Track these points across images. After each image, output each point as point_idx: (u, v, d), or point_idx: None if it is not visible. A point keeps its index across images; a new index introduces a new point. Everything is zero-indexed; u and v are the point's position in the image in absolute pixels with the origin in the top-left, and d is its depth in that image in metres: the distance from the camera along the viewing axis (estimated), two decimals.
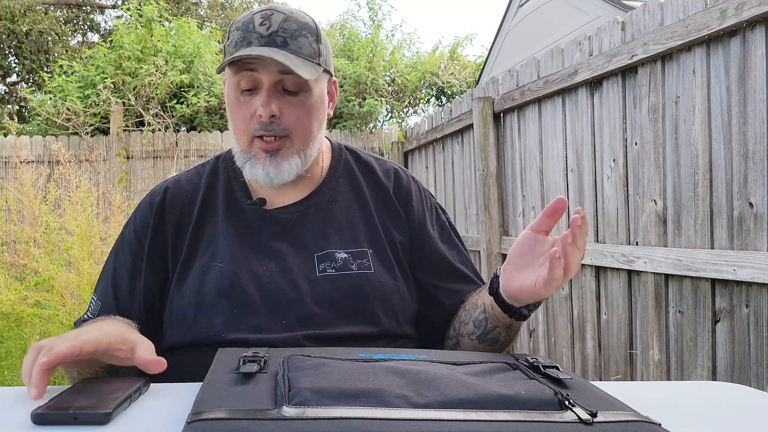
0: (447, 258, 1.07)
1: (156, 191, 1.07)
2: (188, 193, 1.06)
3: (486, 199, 3.38)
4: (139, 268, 1.02)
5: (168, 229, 1.02)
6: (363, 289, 0.96)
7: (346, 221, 1.03)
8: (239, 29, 0.96)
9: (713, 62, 1.94)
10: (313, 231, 1.01)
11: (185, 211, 1.04)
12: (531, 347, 3.14)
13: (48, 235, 3.45)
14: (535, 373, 0.68)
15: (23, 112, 12.72)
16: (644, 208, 2.24)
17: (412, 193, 1.10)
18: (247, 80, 0.95)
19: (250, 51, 0.92)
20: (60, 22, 13.86)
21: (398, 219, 1.06)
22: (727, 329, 1.91)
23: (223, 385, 0.62)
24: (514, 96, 3.14)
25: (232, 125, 1.00)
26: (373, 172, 1.10)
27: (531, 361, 0.72)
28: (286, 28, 0.95)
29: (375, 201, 1.07)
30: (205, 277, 0.97)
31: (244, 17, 0.98)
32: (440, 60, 8.40)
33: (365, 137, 6.44)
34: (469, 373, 0.66)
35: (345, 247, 1.00)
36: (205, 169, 1.10)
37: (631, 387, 0.83)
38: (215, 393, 0.59)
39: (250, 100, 0.96)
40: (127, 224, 1.08)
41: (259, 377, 0.64)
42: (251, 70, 0.94)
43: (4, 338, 2.97)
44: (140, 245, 1.03)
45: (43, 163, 5.57)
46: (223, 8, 16.35)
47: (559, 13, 6.23)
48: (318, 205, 1.04)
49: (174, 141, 5.96)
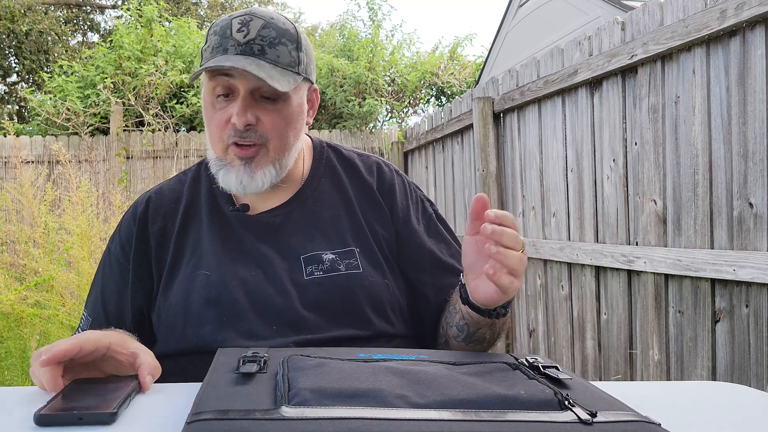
0: (434, 252, 1.05)
1: (138, 202, 1.06)
2: (170, 202, 1.05)
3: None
4: (126, 281, 1.01)
5: (151, 239, 1.01)
6: (352, 290, 0.95)
7: (331, 221, 1.02)
8: (216, 34, 0.94)
9: (713, 62, 1.94)
10: (298, 233, 1.00)
11: (168, 220, 1.03)
12: (531, 347, 3.14)
13: (47, 236, 3.45)
14: (535, 373, 0.68)
15: (23, 112, 12.72)
16: (644, 208, 2.24)
17: (395, 186, 1.08)
18: (223, 86, 0.93)
19: (224, 61, 0.90)
20: (60, 22, 13.86)
21: (383, 215, 1.04)
22: (727, 329, 1.91)
23: (222, 385, 0.61)
24: (514, 96, 3.14)
25: (207, 131, 0.99)
26: (355, 168, 1.08)
27: (531, 361, 0.72)
28: (264, 36, 0.93)
29: (359, 198, 1.05)
30: (191, 286, 0.96)
31: (222, 21, 0.96)
32: (440, 60, 8.40)
33: (365, 137, 6.44)
34: (469, 373, 0.67)
35: (331, 247, 0.99)
36: (186, 176, 1.09)
37: (631, 387, 0.83)
38: (215, 393, 0.59)
39: (225, 106, 0.94)
40: (113, 237, 1.07)
41: (259, 377, 0.64)
42: (227, 75, 0.92)
43: (4, 338, 2.97)
44: (126, 258, 1.02)
45: (43, 163, 5.57)
46: (223, 8, 16.35)
47: (559, 13, 6.23)
48: (302, 207, 1.03)
49: (174, 141, 5.96)
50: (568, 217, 2.73)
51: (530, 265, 3.12)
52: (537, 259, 3.01)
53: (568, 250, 2.68)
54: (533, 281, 3.09)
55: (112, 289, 1.02)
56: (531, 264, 3.11)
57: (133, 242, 1.01)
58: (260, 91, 0.93)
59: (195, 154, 5.91)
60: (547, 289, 2.96)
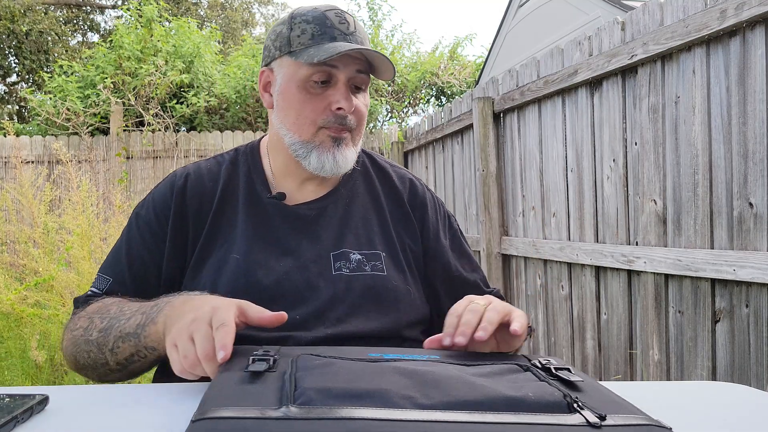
0: (459, 271, 1.09)
1: (177, 175, 1.06)
2: (209, 181, 1.05)
3: (486, 199, 3.38)
4: (159, 248, 1.00)
5: (189, 215, 1.01)
6: (376, 290, 0.97)
7: (362, 222, 1.04)
8: (311, 23, 0.97)
9: (713, 62, 1.94)
10: (330, 229, 1.02)
11: (205, 200, 1.03)
12: (531, 347, 3.14)
13: (47, 235, 3.45)
14: (547, 375, 0.67)
15: (23, 112, 12.71)
16: (644, 208, 2.25)
17: (427, 202, 1.11)
18: (323, 73, 0.96)
19: (346, 47, 0.93)
20: (60, 22, 13.86)
21: (411, 227, 1.08)
22: (727, 329, 1.91)
23: (231, 383, 0.61)
24: (514, 96, 3.14)
25: (294, 115, 0.99)
26: (388, 177, 1.12)
27: (543, 363, 0.72)
28: (360, 30, 1.00)
29: (389, 206, 1.08)
30: (222, 269, 0.97)
31: (311, 12, 0.99)
32: (440, 60, 8.41)
33: (365, 137, 6.44)
34: (479, 374, 0.66)
35: (359, 248, 1.01)
36: (224, 159, 1.09)
37: (631, 387, 0.83)
38: (222, 392, 0.59)
39: (322, 93, 0.98)
40: (143, 205, 1.05)
41: (268, 376, 0.64)
42: (330, 66, 0.96)
43: (4, 338, 2.97)
44: (161, 227, 1.01)
45: (43, 163, 5.57)
46: (223, 8, 16.35)
47: (559, 13, 6.23)
48: (336, 204, 1.05)
49: (174, 141, 5.96)
50: (568, 217, 2.73)
51: (530, 265, 3.12)
52: (537, 259, 3.02)
53: (568, 250, 2.68)
54: (533, 281, 3.10)
55: (138, 252, 1.01)
56: (531, 264, 3.11)
57: (170, 214, 1.01)
58: (355, 80, 0.99)
59: (195, 154, 5.91)
60: (547, 289, 2.97)
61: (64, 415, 0.65)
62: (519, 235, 3.23)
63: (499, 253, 3.36)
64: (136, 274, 1.00)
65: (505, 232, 3.39)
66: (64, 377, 2.82)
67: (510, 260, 3.35)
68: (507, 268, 3.38)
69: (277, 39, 1.01)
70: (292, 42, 0.98)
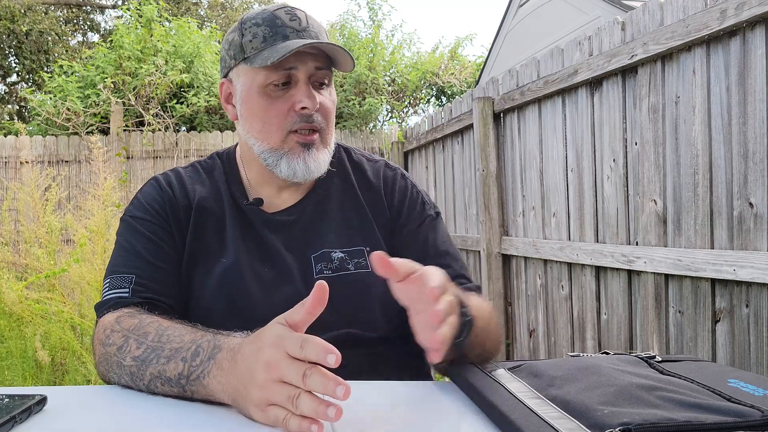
0: (427, 240, 1.05)
1: (160, 180, 1.05)
2: (191, 184, 1.04)
3: (486, 199, 3.38)
4: (162, 240, 0.98)
5: (180, 218, 1.00)
6: (361, 290, 0.96)
7: (341, 220, 1.03)
8: (260, 26, 0.95)
9: (713, 62, 1.94)
10: (309, 231, 1.01)
11: (188, 207, 1.02)
12: (531, 347, 3.14)
13: (50, 235, 3.45)
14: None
15: (23, 112, 12.71)
16: (644, 208, 2.24)
17: (396, 188, 1.08)
18: (281, 75, 0.94)
19: (298, 43, 0.90)
20: (60, 22, 13.86)
21: (385, 217, 1.05)
22: (727, 329, 1.91)
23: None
24: (514, 96, 3.14)
25: (260, 123, 0.97)
26: (363, 171, 1.10)
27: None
28: (313, 24, 0.97)
29: (367, 199, 1.06)
30: (209, 275, 0.96)
31: (260, 14, 0.96)
32: (440, 60, 8.41)
33: (365, 137, 6.43)
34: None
35: (341, 246, 1.00)
36: (201, 166, 1.08)
37: None
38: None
39: (284, 95, 0.95)
40: (134, 207, 1.03)
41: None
42: (286, 68, 0.93)
43: (5, 338, 2.97)
44: (159, 223, 0.99)
45: (43, 163, 5.57)
46: (223, 8, 16.34)
47: (559, 13, 6.23)
48: (314, 206, 1.04)
49: (174, 141, 5.96)
50: (568, 217, 2.73)
51: (530, 265, 3.12)
52: (537, 259, 3.02)
53: (568, 250, 2.68)
54: (533, 281, 3.09)
55: (145, 246, 0.98)
56: (531, 264, 3.11)
57: (164, 214, 0.99)
58: (315, 76, 0.96)
59: (195, 154, 5.91)
60: (547, 289, 2.97)
61: (63, 415, 0.65)
62: (519, 235, 3.23)
63: (499, 253, 3.36)
64: (153, 269, 0.97)
65: (505, 232, 3.39)
66: (65, 377, 2.82)
67: (510, 260, 3.35)
68: (507, 268, 3.38)
69: (230, 47, 0.99)
70: (245, 48, 0.96)
